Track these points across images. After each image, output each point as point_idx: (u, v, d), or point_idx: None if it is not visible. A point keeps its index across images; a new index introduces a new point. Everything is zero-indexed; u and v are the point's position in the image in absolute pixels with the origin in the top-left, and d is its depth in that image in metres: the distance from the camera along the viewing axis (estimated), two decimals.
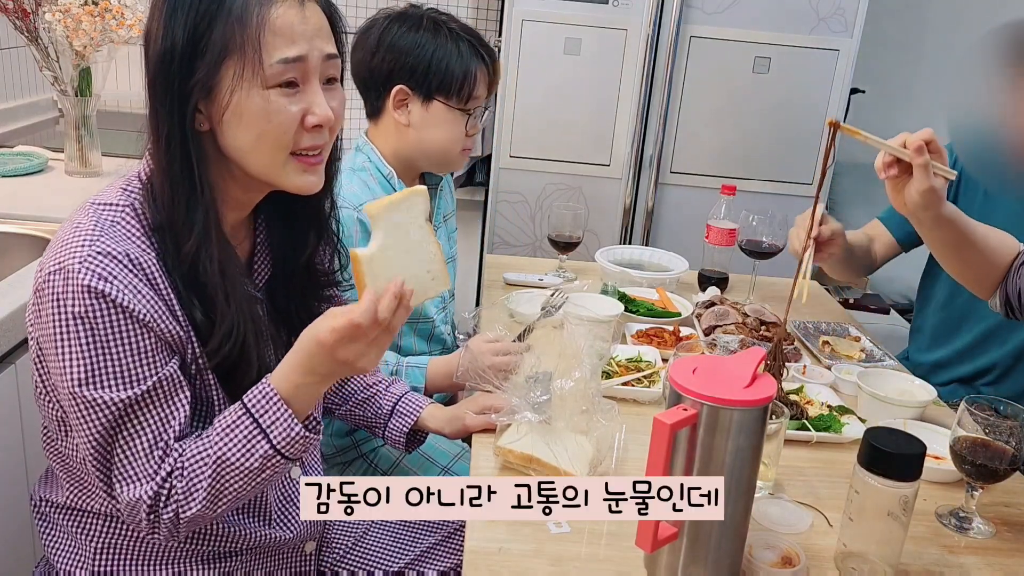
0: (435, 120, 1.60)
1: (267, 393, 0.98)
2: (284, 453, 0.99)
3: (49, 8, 1.96)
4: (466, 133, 1.64)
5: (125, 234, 0.97)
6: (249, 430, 0.98)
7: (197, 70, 0.95)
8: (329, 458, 1.65)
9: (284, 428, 0.98)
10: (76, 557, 1.12)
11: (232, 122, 0.97)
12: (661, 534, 0.94)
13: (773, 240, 1.88)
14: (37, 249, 1.74)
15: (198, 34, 0.94)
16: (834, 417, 1.37)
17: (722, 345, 1.46)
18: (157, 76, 0.96)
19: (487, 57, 1.62)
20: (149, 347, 0.96)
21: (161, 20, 0.96)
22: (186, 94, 0.96)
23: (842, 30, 2.55)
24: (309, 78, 1.00)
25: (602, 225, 2.71)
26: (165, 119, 0.96)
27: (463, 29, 1.62)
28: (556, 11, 2.51)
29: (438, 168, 1.72)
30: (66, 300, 0.92)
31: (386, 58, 1.58)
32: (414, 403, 1.39)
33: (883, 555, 1.00)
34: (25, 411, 1.43)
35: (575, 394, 1.23)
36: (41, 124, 2.69)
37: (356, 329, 0.92)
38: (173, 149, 0.97)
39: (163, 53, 0.95)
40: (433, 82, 1.57)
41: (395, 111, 1.61)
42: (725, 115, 2.64)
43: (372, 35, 1.60)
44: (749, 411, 0.92)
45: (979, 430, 1.11)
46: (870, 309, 3.29)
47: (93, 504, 1.10)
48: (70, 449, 1.06)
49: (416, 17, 1.60)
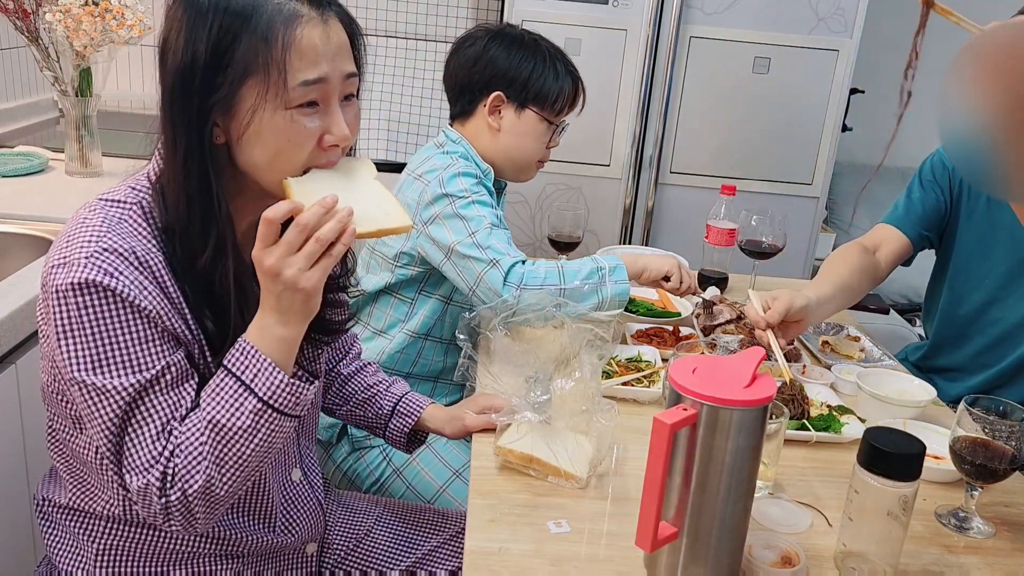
0: (524, 128, 1.72)
1: (244, 348, 0.97)
2: (274, 405, 0.97)
3: (49, 8, 1.96)
4: (547, 145, 1.76)
5: (132, 232, 0.97)
6: (233, 388, 0.96)
7: (219, 87, 0.94)
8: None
9: (266, 378, 0.96)
10: (78, 557, 1.12)
11: (251, 140, 0.97)
12: (661, 534, 0.94)
13: (772, 240, 1.88)
14: (38, 249, 1.75)
15: (221, 50, 0.93)
16: (834, 417, 1.37)
17: (722, 345, 1.46)
18: (176, 88, 0.95)
19: (577, 76, 1.76)
20: (155, 336, 0.96)
21: (182, 31, 0.94)
22: (206, 109, 0.95)
23: (842, 30, 2.55)
24: (329, 98, 0.99)
25: (602, 225, 2.71)
26: (183, 132, 0.96)
27: (556, 49, 1.75)
28: (556, 11, 2.52)
29: (515, 175, 1.81)
30: (67, 293, 0.92)
31: (488, 67, 1.70)
32: (415, 403, 1.39)
33: (883, 555, 1.01)
34: (25, 411, 1.43)
35: (575, 394, 1.23)
36: (41, 124, 2.69)
37: (269, 226, 0.92)
38: (191, 164, 0.96)
39: (183, 66, 0.94)
40: (530, 93, 1.70)
41: (489, 116, 1.71)
42: (725, 115, 2.64)
43: (476, 47, 1.71)
44: (749, 411, 0.92)
45: (978, 430, 1.11)
46: (870, 309, 3.29)
47: (96, 506, 1.09)
48: (82, 447, 1.05)
49: (517, 35, 1.73)
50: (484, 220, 1.57)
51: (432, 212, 1.60)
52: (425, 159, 1.70)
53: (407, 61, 2.96)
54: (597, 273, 1.55)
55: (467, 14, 3.08)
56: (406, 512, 1.41)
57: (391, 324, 1.73)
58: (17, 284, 1.49)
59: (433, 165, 1.65)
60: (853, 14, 2.53)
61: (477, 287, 1.54)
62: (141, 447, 0.96)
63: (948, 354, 1.85)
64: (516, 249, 1.58)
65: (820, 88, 2.61)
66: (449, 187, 1.60)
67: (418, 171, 1.67)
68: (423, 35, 2.96)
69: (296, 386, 0.98)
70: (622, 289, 1.56)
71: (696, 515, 0.95)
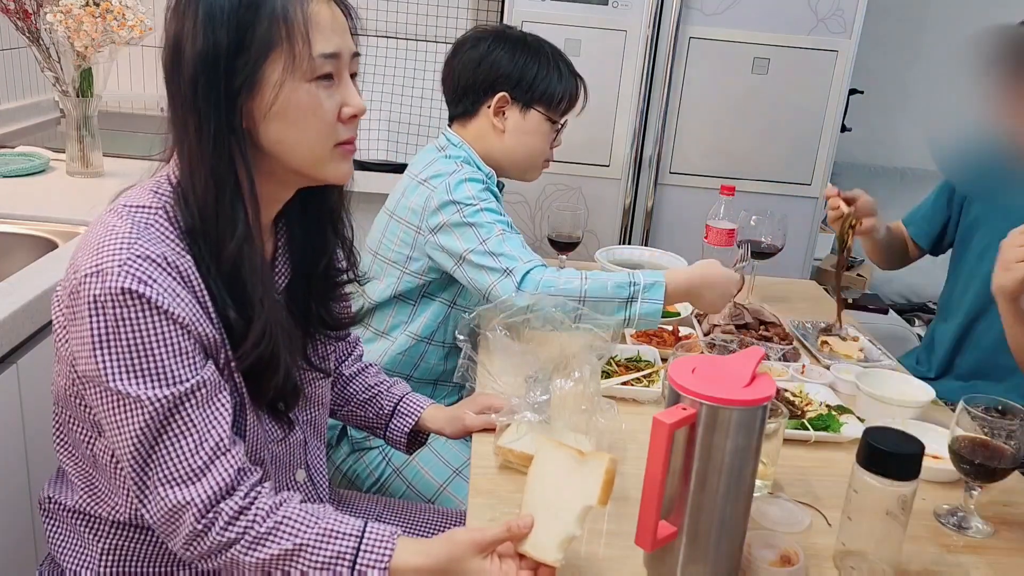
0: (529, 128, 1.73)
1: (385, 543, 0.99)
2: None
3: (50, 9, 1.96)
4: (550, 145, 1.77)
5: (161, 236, 0.97)
6: (345, 549, 0.98)
7: (243, 67, 0.96)
8: None
9: None
10: (83, 557, 1.12)
11: (278, 116, 0.98)
12: (660, 533, 0.94)
13: (772, 240, 1.88)
14: (38, 249, 1.75)
15: (242, 31, 0.95)
16: (833, 417, 1.38)
17: (721, 345, 1.47)
18: (198, 76, 0.96)
19: (580, 77, 1.77)
20: (189, 348, 0.96)
21: (197, 21, 0.95)
22: (234, 92, 0.96)
23: (841, 31, 2.55)
24: (342, 72, 1.02)
25: (602, 225, 2.71)
26: (210, 118, 0.96)
27: (557, 50, 1.76)
28: (556, 12, 2.52)
29: (520, 175, 1.82)
30: (105, 302, 0.92)
31: (492, 69, 1.70)
32: (415, 404, 1.39)
33: (882, 554, 1.01)
34: (27, 411, 1.43)
35: (575, 394, 1.23)
36: (42, 125, 2.69)
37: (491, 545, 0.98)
38: (220, 148, 0.97)
39: (204, 53, 0.95)
40: (535, 93, 1.70)
41: (493, 116, 1.71)
42: (724, 116, 2.64)
43: (479, 48, 1.72)
44: (748, 410, 0.92)
45: (978, 430, 1.11)
46: (869, 309, 3.29)
47: (103, 511, 1.09)
48: (100, 451, 1.05)
49: (519, 36, 1.74)
50: (495, 227, 1.56)
51: (439, 220, 1.59)
52: (429, 163, 1.69)
53: (407, 62, 2.96)
54: (629, 288, 1.50)
55: (466, 15, 3.08)
56: (407, 511, 1.42)
57: (393, 326, 1.73)
58: (18, 284, 1.49)
59: (438, 170, 1.65)
60: (852, 15, 2.53)
61: (489, 296, 1.52)
62: (179, 459, 0.96)
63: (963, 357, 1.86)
64: (531, 252, 1.56)
65: (819, 89, 2.61)
66: (456, 194, 1.59)
67: (422, 175, 1.66)
68: (423, 36, 2.96)
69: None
70: (654, 309, 1.49)
71: (695, 514, 0.95)
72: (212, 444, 0.97)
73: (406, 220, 1.66)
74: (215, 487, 0.96)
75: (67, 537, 1.14)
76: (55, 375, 1.06)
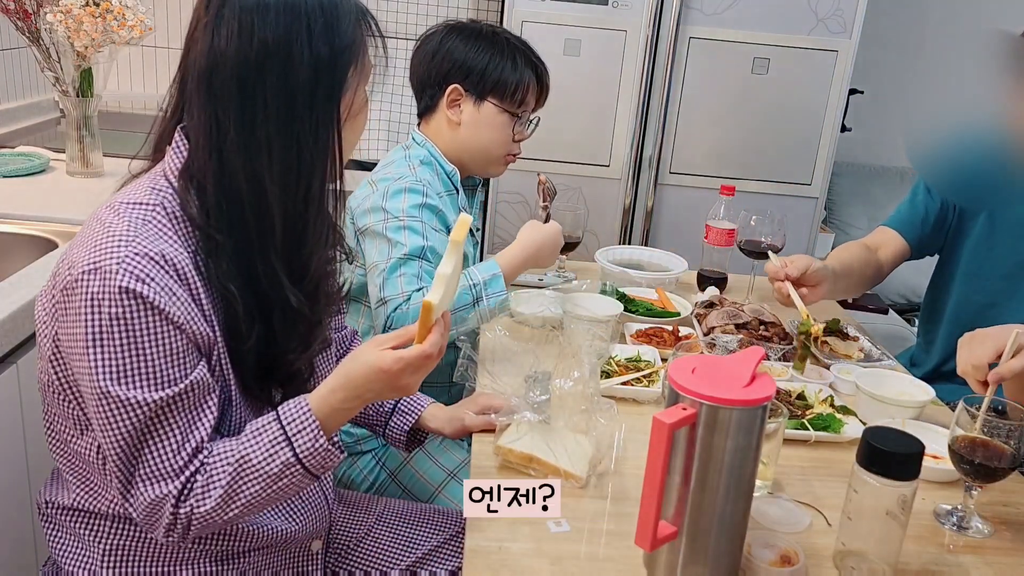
0: (485, 120, 1.68)
1: (300, 405, 1.01)
2: (305, 463, 1.00)
3: (50, 9, 1.96)
4: (513, 138, 1.72)
5: (158, 233, 0.97)
6: (275, 434, 1.00)
7: (345, 77, 1.04)
8: None
9: (309, 439, 0.99)
10: (84, 559, 1.12)
11: (352, 120, 1.08)
12: (660, 533, 0.94)
13: (772, 240, 1.88)
14: (38, 249, 1.75)
15: (341, 46, 1.02)
16: (833, 416, 1.38)
17: (721, 345, 1.46)
18: (300, 94, 1.00)
19: (539, 67, 1.71)
20: (182, 349, 0.97)
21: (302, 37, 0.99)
22: (334, 102, 1.03)
23: (841, 31, 2.55)
24: None
25: (602, 225, 2.71)
26: (311, 132, 1.01)
27: (518, 41, 1.71)
28: (556, 12, 2.52)
29: (482, 170, 1.77)
30: (102, 300, 0.92)
31: (445, 60, 1.67)
32: (415, 402, 1.39)
33: (882, 554, 1.01)
34: (27, 411, 1.44)
35: (574, 394, 1.23)
36: (42, 125, 2.70)
37: (427, 360, 1.00)
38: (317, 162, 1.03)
39: (309, 70, 1.00)
40: (487, 84, 1.66)
41: (448, 109, 1.68)
42: (724, 116, 2.64)
43: (433, 40, 1.70)
44: (748, 410, 0.92)
45: (977, 429, 1.11)
46: (869, 309, 3.29)
47: (101, 505, 1.10)
48: (84, 448, 1.06)
49: (475, 27, 1.70)
50: (404, 248, 1.50)
51: (366, 222, 1.56)
52: (388, 163, 1.68)
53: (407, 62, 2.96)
54: (471, 291, 1.50)
55: (466, 15, 3.08)
56: (407, 511, 1.42)
57: (363, 332, 1.68)
58: (18, 284, 1.49)
59: (388, 173, 1.62)
60: (852, 15, 2.54)
61: (373, 310, 1.52)
62: (161, 458, 0.97)
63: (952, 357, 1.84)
64: (425, 280, 1.49)
65: (819, 89, 2.61)
66: (388, 202, 1.55)
67: (376, 175, 1.65)
68: None
69: (330, 452, 1.01)
70: (501, 299, 1.52)
71: (695, 514, 0.95)
72: (194, 445, 0.99)
73: (350, 215, 1.63)
74: (186, 480, 0.99)
75: (67, 540, 1.14)
76: (38, 371, 1.07)
